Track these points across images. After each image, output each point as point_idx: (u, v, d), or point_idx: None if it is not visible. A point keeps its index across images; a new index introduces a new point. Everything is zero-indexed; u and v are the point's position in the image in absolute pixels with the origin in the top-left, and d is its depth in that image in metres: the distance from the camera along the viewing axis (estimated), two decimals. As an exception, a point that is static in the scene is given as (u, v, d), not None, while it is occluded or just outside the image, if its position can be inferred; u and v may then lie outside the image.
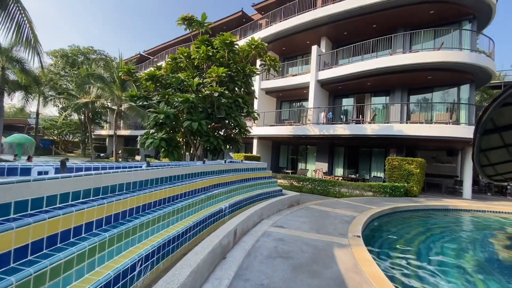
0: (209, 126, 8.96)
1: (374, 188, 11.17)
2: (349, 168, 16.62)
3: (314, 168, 17.05)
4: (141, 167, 4.03)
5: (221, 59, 9.71)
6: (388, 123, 14.06)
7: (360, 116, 15.43)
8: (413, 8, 13.31)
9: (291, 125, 16.16)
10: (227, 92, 8.86)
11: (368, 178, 15.53)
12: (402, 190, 11.28)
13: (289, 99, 19.82)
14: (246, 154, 16.81)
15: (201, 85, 9.18)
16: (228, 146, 9.87)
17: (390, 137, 12.79)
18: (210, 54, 9.42)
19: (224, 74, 8.72)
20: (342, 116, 16.79)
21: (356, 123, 14.24)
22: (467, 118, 13.30)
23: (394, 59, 13.13)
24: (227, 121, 9.70)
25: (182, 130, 9.43)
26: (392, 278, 3.81)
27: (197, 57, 9.58)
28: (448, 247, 5.92)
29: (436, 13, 13.40)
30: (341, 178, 14.90)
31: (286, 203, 7.41)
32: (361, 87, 15.91)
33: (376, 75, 14.04)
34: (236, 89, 10.19)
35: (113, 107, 22.08)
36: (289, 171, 17.11)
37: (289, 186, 12.18)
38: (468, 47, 13.02)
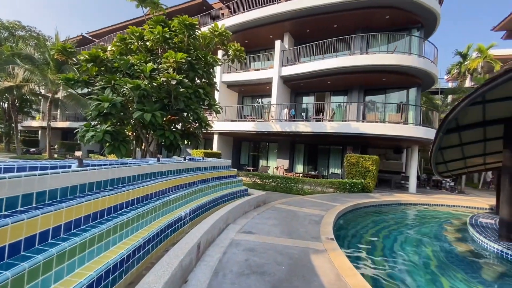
0: (164, 119, 7.87)
1: (335, 185, 11.33)
2: (309, 165, 16.87)
3: (276, 165, 16.89)
4: (70, 166, 3.00)
5: (179, 44, 8.63)
6: (345, 121, 14.51)
7: (321, 114, 15.69)
8: (371, 12, 13.88)
9: (253, 121, 15.67)
10: (186, 80, 7.87)
11: (326, 174, 15.93)
12: (359, 186, 11.68)
13: (251, 94, 19.30)
14: (206, 151, 15.81)
15: (156, 71, 8.00)
16: (187, 142, 8.87)
17: (348, 135, 13.17)
18: (167, 36, 8.28)
19: (183, 60, 7.69)
20: (302, 114, 16.90)
21: (316, 121, 14.40)
22: (414, 118, 14.44)
23: (352, 59, 13.52)
24: (185, 114, 8.69)
25: (132, 122, 8.14)
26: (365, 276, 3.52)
27: (151, 38, 8.34)
28: (409, 239, 6.07)
29: (391, 19, 14.19)
30: (301, 174, 14.97)
31: (253, 204, 6.84)
32: (322, 85, 16.18)
33: (336, 74, 14.34)
34: (197, 79, 9.23)
35: (47, 94, 18.81)
36: (251, 168, 16.65)
37: (251, 184, 11.67)
38: (416, 52, 14.09)
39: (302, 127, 13.71)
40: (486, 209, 10.65)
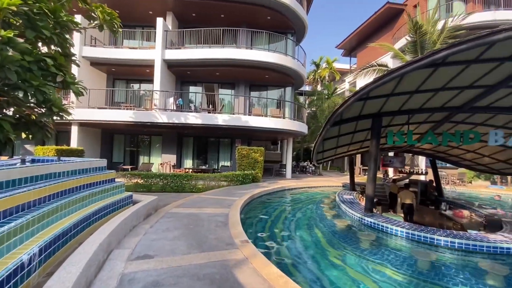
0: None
1: (229, 178, 11.10)
2: (199, 159, 15.99)
3: (161, 161, 14.90)
4: None
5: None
6: (234, 114, 14.62)
7: (210, 105, 15.07)
8: (254, 9, 14.35)
9: (130, 109, 12.99)
10: (21, 40, 5.12)
11: (217, 168, 15.61)
12: (250, 177, 12.03)
13: (127, 77, 16.01)
14: (60, 147, 11.73)
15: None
16: (26, 135, 5.93)
17: (239, 128, 13.30)
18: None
19: (14, 9, 4.92)
20: (190, 104, 15.70)
21: (207, 113, 13.68)
22: (290, 114, 16.43)
23: (240, 53, 13.63)
24: (21, 93, 5.73)
25: None
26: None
27: None
28: (301, 220, 6.63)
29: (272, 20, 15.29)
30: (191, 170, 13.92)
31: (142, 213, 5.33)
32: (210, 76, 15.56)
33: (224, 65, 14.08)
34: (42, 44, 6.32)
35: None
36: (128, 167, 13.88)
37: (132, 186, 9.56)
38: (291, 54, 15.93)
39: (193, 118, 12.61)
40: (341, 186, 13.54)
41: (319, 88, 31.31)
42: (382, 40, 20.37)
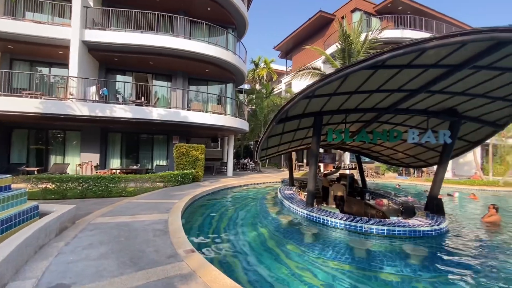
0: None
1: (166, 179, 10.11)
2: (129, 158, 14.18)
3: (79, 162, 12.59)
4: None
5: None
6: (170, 108, 13.47)
7: (142, 98, 13.49)
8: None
9: (35, 97, 10.51)
10: None
11: (151, 167, 14.15)
12: (191, 176, 11.28)
13: (31, 58, 12.90)
14: None
15: None
16: None
17: (177, 123, 12.31)
18: None
19: None
20: (118, 96, 13.75)
21: (137, 105, 12.19)
22: (231, 111, 16.16)
23: (177, 42, 12.62)
24: None
25: None
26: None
27: None
28: (246, 219, 6.45)
29: (212, 12, 14.65)
30: (120, 171, 12.22)
31: (54, 228, 4.20)
32: (142, 65, 13.94)
33: (159, 54, 12.82)
34: None
35: None
36: (34, 169, 11.24)
37: (40, 193, 7.71)
38: (232, 50, 15.61)
39: (121, 111, 11.01)
40: (280, 182, 14.01)
41: (257, 87, 31.97)
42: (315, 45, 21.95)
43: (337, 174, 13.55)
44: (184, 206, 6.94)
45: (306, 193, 10.24)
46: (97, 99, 11.26)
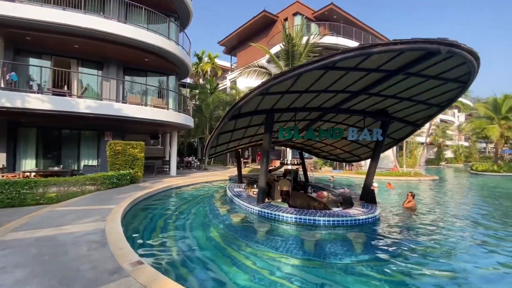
0: None
1: (98, 181, 8.82)
2: (47, 158, 11.89)
3: (-26, 164, 9.96)
4: None
5: None
6: (102, 100, 11.82)
7: (65, 87, 11.47)
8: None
9: None
10: None
11: (78, 169, 12.19)
12: (128, 177, 10.15)
13: None
14: None
15: None
16: None
17: (110, 117, 10.90)
18: None
19: None
20: (32, 83, 11.34)
21: (59, 95, 10.31)
22: (174, 105, 15.14)
23: (109, 25, 11.11)
24: None
25: None
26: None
27: None
28: (195, 221, 6.11)
29: (153, -3, 13.39)
30: (36, 174, 10.14)
31: None
32: (65, 48, 11.80)
33: (88, 37, 11.08)
34: None
35: None
36: None
37: None
38: (175, 40, 14.57)
39: (37, 102, 9.11)
40: (228, 180, 13.85)
41: (201, 82, 30.96)
42: (259, 44, 22.35)
43: (282, 169, 14.13)
44: (124, 211, 6.16)
45: (255, 190, 10.37)
46: (2, 85, 9.05)
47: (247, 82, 19.45)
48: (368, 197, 7.70)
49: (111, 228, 4.80)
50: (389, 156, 23.93)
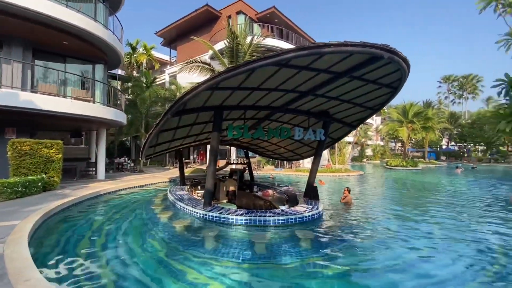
0: None
1: (-5, 190, 6.89)
2: None
3: None
4: None
5: None
6: (1, 88, 9.36)
7: None
8: None
9: None
10: None
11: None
12: (40, 184, 8.26)
13: None
14: None
15: None
16: None
17: (12, 110, 8.71)
18: None
19: None
20: None
21: None
22: (102, 99, 13.13)
23: (15, -7, 8.87)
24: None
25: None
26: None
27: None
28: (132, 232, 5.29)
29: (75, -31, 11.30)
30: None
31: None
32: None
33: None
34: None
35: None
36: None
37: None
38: (103, 23, 12.62)
39: None
40: (168, 182, 12.78)
41: (135, 74, 28.07)
42: (202, 39, 21.46)
43: (227, 169, 13.80)
44: (32, 229, 4.88)
45: (200, 192, 9.78)
46: None
47: (189, 77, 18.35)
48: (311, 193, 8.03)
49: (14, 252, 3.68)
50: (323, 154, 26.12)
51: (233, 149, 21.24)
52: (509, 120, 7.25)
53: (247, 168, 12.69)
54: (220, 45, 19.35)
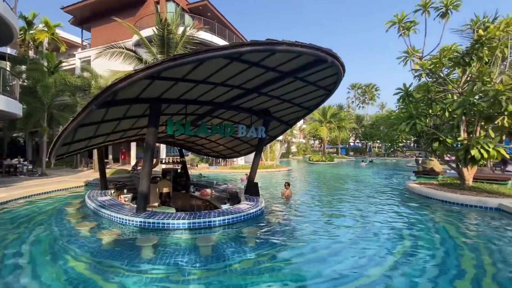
0: None
1: None
2: None
3: None
4: None
5: None
6: None
7: None
8: None
9: None
10: None
11: None
12: None
13: None
14: None
15: None
16: None
17: None
18: None
19: None
20: None
21: None
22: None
23: None
24: None
25: None
26: None
27: None
28: (40, 250, 4.23)
29: None
30: None
31: None
32: None
33: None
34: None
35: None
36: None
37: None
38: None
39: None
40: (84, 186, 10.83)
41: (32, 55, 22.81)
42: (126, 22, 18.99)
43: (157, 168, 12.63)
44: None
45: (127, 196, 8.62)
46: None
47: (109, 64, 15.87)
48: (252, 190, 8.11)
49: None
50: (255, 151, 27.00)
51: (163, 147, 19.66)
52: (408, 122, 9.00)
53: (181, 167, 11.91)
54: (148, 32, 17.50)
